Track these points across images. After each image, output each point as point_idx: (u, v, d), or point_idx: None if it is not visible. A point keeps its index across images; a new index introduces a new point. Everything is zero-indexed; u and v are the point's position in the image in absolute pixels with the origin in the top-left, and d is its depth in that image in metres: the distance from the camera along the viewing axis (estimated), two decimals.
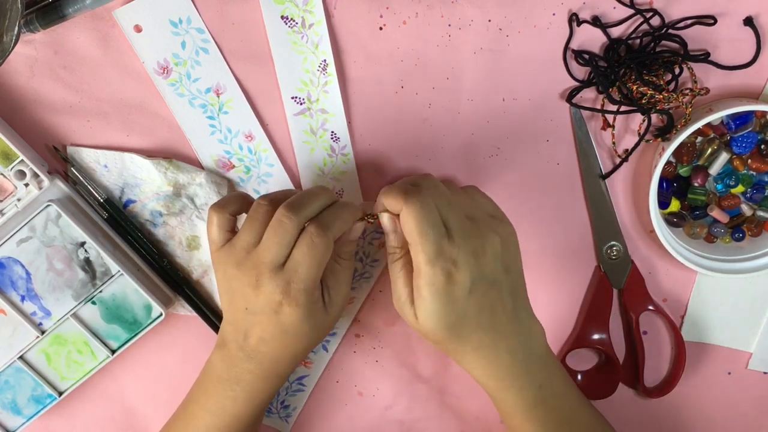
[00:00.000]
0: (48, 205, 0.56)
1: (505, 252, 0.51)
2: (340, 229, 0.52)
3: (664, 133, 0.57)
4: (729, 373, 0.64)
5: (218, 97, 0.57)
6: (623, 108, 0.57)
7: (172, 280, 0.60)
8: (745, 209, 0.60)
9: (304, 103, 0.58)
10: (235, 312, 0.52)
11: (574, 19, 0.57)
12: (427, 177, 0.53)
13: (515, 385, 0.52)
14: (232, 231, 0.53)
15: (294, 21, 0.56)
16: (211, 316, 0.61)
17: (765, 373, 0.63)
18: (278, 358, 0.53)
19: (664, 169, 0.57)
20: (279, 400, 0.63)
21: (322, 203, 0.52)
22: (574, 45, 0.58)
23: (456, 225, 0.49)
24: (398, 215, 0.50)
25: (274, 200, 0.51)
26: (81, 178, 0.58)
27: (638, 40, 0.57)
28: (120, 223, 0.58)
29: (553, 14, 0.57)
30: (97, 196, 0.58)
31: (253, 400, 0.54)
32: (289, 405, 0.63)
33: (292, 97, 0.58)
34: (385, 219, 0.52)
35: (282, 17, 0.56)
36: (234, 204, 0.53)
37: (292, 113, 0.58)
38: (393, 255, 0.52)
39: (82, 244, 0.57)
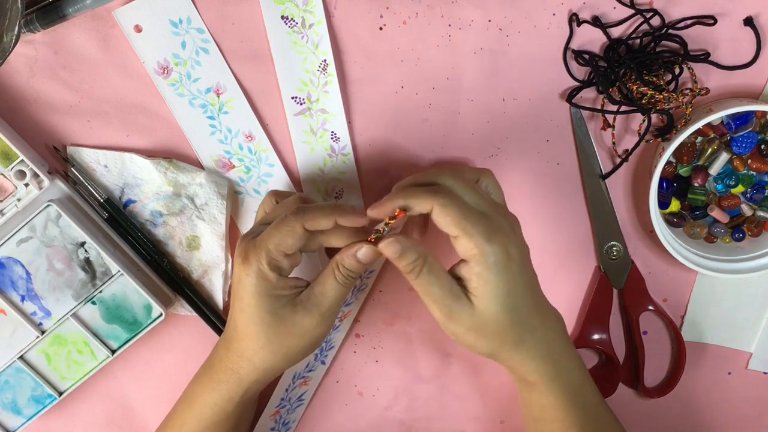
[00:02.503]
0: (48, 205, 0.56)
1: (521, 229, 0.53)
2: (317, 220, 0.50)
3: (664, 133, 0.57)
4: (729, 374, 0.64)
5: (218, 97, 0.57)
6: (623, 108, 0.57)
7: (172, 280, 0.60)
8: (746, 209, 0.60)
9: (304, 103, 0.58)
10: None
11: (574, 20, 0.57)
12: (439, 172, 0.52)
13: (568, 366, 0.53)
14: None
15: (294, 21, 0.56)
16: (211, 316, 0.61)
17: (765, 373, 0.63)
18: (248, 347, 0.52)
19: (664, 169, 0.57)
20: (281, 421, 0.63)
21: (328, 215, 0.50)
22: (574, 45, 0.58)
23: (487, 207, 0.50)
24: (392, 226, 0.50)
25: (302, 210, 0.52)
26: (81, 179, 0.58)
27: (638, 40, 0.57)
28: (120, 223, 0.58)
29: (553, 14, 0.57)
30: (97, 196, 0.58)
31: (243, 388, 0.54)
32: (289, 421, 0.63)
33: (292, 97, 0.58)
34: (391, 248, 0.50)
35: (282, 17, 0.56)
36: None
37: (292, 113, 0.58)
38: (414, 270, 0.50)
39: (82, 244, 0.57)
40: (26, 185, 0.57)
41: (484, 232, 0.48)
